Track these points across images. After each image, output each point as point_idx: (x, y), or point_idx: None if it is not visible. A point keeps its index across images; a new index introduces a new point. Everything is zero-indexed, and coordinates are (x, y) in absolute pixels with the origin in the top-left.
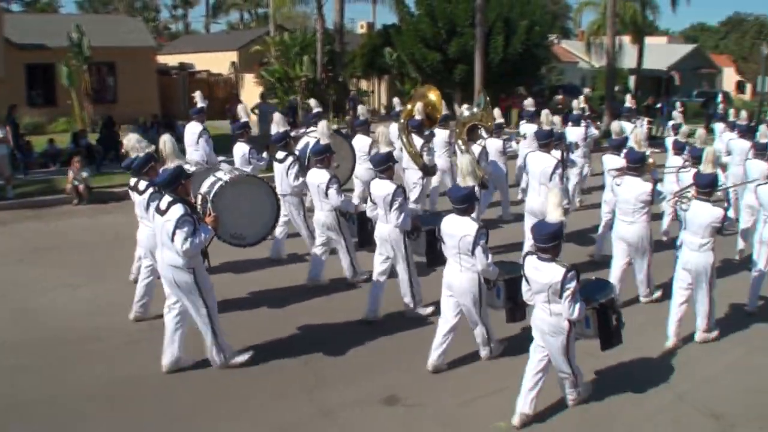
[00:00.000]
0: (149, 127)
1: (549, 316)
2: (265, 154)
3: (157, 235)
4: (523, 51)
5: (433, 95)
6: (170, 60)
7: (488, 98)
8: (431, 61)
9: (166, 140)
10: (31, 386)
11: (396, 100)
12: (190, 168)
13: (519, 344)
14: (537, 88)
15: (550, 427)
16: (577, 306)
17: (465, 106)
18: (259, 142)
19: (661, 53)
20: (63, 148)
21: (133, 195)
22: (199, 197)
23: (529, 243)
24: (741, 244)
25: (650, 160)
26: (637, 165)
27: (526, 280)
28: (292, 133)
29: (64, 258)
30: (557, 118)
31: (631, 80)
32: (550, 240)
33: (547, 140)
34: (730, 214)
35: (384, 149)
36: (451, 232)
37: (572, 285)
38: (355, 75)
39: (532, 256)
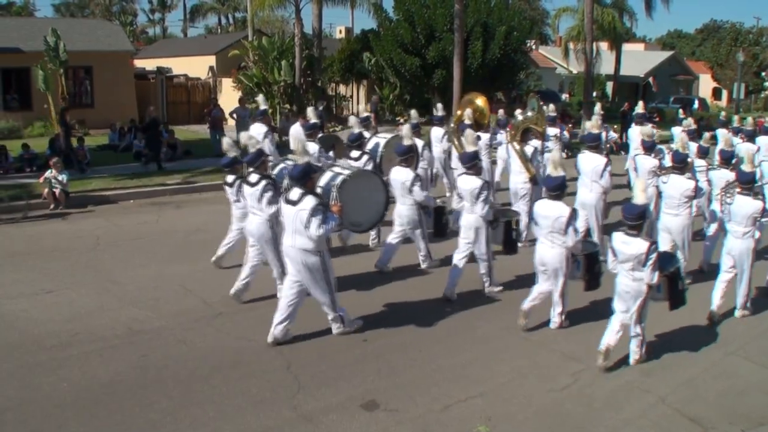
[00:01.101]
0: (126, 132)
1: (632, 282)
2: (331, 153)
3: (288, 223)
4: (502, 56)
5: (481, 101)
6: (148, 64)
7: (541, 103)
8: (410, 66)
9: (295, 130)
10: (6, 392)
11: (439, 105)
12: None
13: (496, 353)
14: (515, 94)
15: (525, 430)
16: (656, 273)
17: (518, 111)
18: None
19: (639, 60)
20: (39, 153)
21: (228, 190)
22: (319, 190)
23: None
24: None
25: (689, 160)
26: (681, 165)
27: (614, 252)
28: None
29: (41, 263)
30: None
31: (609, 86)
32: (638, 219)
33: None
34: None
35: (407, 142)
36: (546, 214)
37: (654, 256)
38: (334, 80)
39: (619, 233)
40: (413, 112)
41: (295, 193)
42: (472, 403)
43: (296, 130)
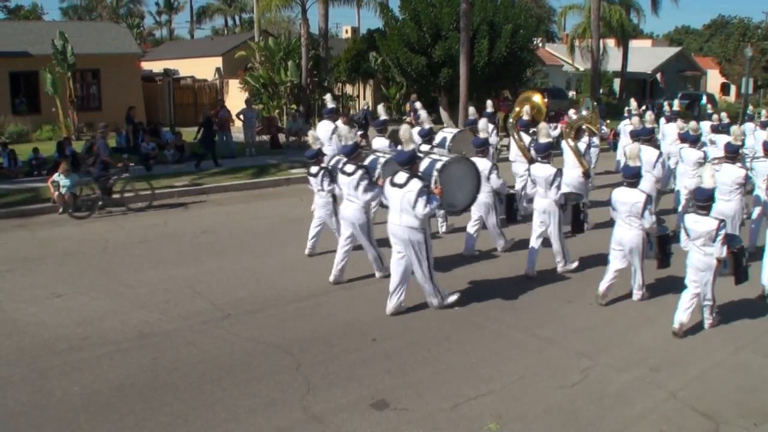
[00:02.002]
0: (135, 134)
1: (703, 257)
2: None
3: (394, 203)
4: (508, 54)
5: (537, 98)
6: (155, 66)
7: (595, 103)
8: (416, 65)
9: (404, 128)
10: (19, 397)
11: (471, 110)
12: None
13: (505, 351)
14: (522, 92)
15: (536, 427)
16: (725, 248)
17: (572, 110)
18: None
19: (646, 56)
20: (47, 157)
21: (312, 180)
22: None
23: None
24: None
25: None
26: (733, 155)
27: (686, 232)
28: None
29: (52, 267)
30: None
31: (616, 83)
32: (708, 200)
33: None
34: None
35: (483, 135)
36: (624, 200)
37: (723, 232)
38: (340, 80)
39: (691, 214)
40: (471, 110)
41: (401, 176)
42: (482, 402)
43: (326, 127)
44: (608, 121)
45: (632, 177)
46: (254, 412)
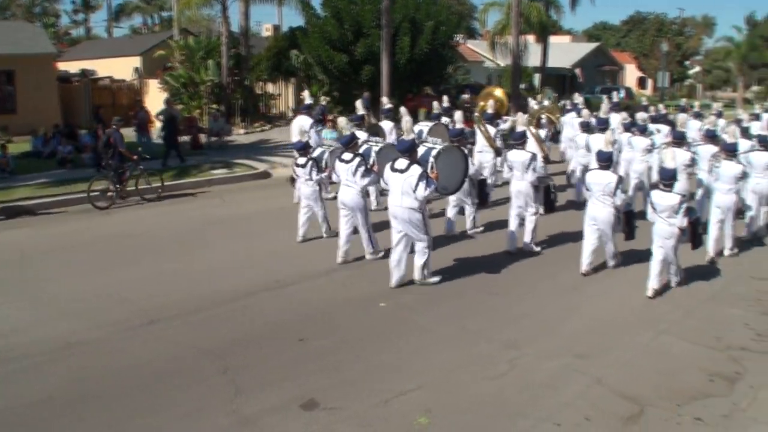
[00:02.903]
0: (50, 137)
1: (668, 227)
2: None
3: (395, 186)
4: (430, 51)
5: (500, 92)
6: (71, 66)
7: (556, 94)
8: (338, 63)
9: (405, 119)
10: None
11: (384, 99)
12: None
13: (434, 345)
14: (444, 88)
15: (466, 419)
16: (685, 219)
17: (534, 101)
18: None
19: (565, 51)
20: None
21: (300, 170)
22: None
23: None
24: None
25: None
26: (680, 140)
27: (652, 206)
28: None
29: None
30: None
31: (536, 78)
32: (671, 179)
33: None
34: None
35: (521, 129)
36: (597, 181)
37: (684, 206)
38: (262, 78)
39: (656, 190)
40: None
41: (402, 163)
42: (412, 396)
43: (301, 122)
44: (557, 116)
45: (605, 160)
46: (184, 419)
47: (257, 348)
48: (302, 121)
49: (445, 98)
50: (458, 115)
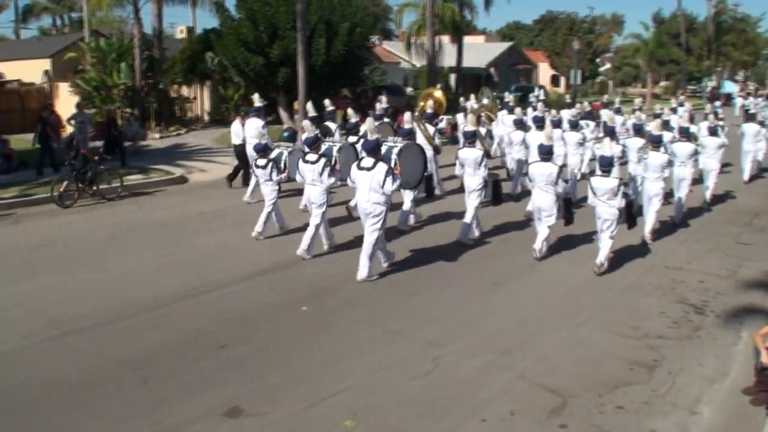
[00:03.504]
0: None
1: (609, 208)
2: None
3: (363, 183)
4: (346, 53)
5: (438, 93)
6: None
7: (494, 93)
8: (254, 65)
9: (368, 120)
10: None
11: (327, 101)
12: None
13: (358, 347)
14: (360, 89)
15: (393, 420)
16: (623, 201)
17: (474, 100)
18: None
19: (480, 51)
20: None
21: (260, 172)
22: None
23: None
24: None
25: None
26: (658, 143)
27: (593, 191)
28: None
29: None
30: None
31: (452, 78)
32: (609, 165)
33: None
34: None
35: (470, 128)
36: (541, 172)
37: (621, 188)
38: (176, 81)
39: (596, 177)
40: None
41: (368, 161)
42: (337, 399)
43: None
44: (449, 117)
45: (546, 153)
46: None
47: (178, 356)
48: (255, 123)
49: (383, 98)
50: (407, 115)
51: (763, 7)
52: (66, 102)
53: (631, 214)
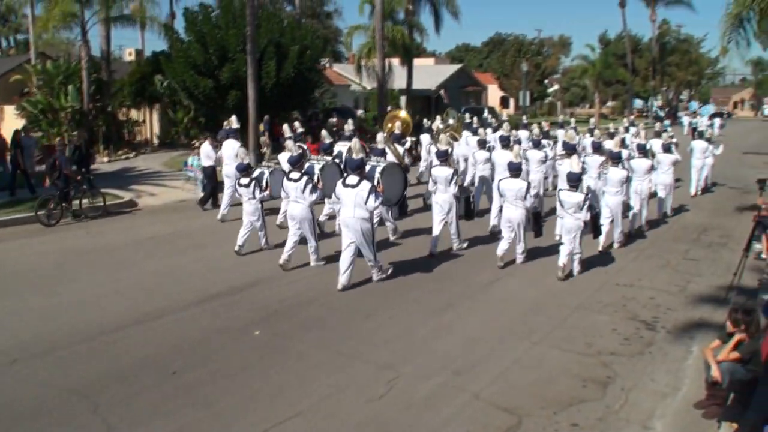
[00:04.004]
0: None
1: (575, 220)
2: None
3: (348, 200)
4: (296, 75)
5: (404, 114)
6: None
7: (459, 114)
8: (203, 88)
9: (354, 141)
10: None
11: (324, 133)
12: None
13: (310, 371)
14: (311, 112)
15: None
16: (588, 214)
17: (439, 120)
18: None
19: (430, 73)
20: None
21: (243, 190)
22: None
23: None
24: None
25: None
26: (617, 159)
27: (561, 204)
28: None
29: None
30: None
31: (402, 100)
32: (577, 180)
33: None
34: None
35: (444, 147)
36: (510, 187)
37: (587, 202)
38: (125, 104)
39: (563, 190)
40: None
41: (353, 179)
42: (290, 425)
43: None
44: (413, 139)
45: (515, 170)
46: None
47: (128, 384)
48: (232, 145)
49: (350, 121)
50: (380, 136)
51: (705, 27)
52: (12, 125)
53: (596, 225)
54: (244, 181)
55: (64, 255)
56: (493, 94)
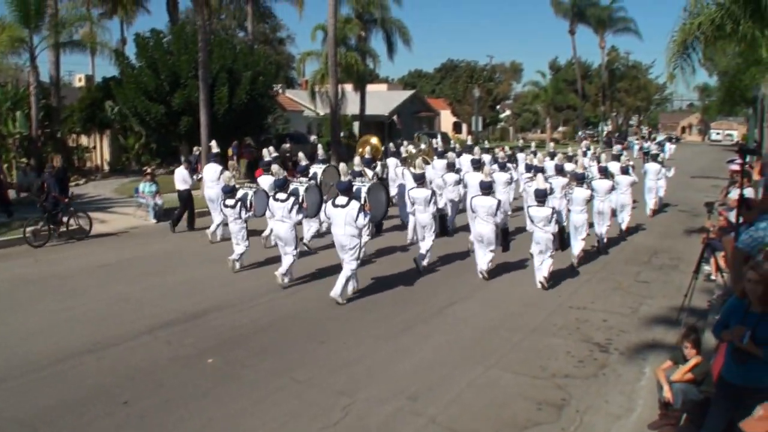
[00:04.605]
0: None
1: (544, 234)
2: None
3: (339, 219)
4: (248, 101)
5: (374, 140)
6: None
7: (430, 140)
8: (155, 114)
9: (342, 165)
10: None
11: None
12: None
13: (266, 398)
14: (264, 138)
15: None
16: (556, 226)
17: (411, 145)
18: None
19: (383, 99)
20: None
21: (230, 211)
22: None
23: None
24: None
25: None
26: (582, 179)
27: (531, 219)
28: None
29: None
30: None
31: (356, 126)
32: (544, 197)
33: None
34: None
35: (420, 171)
36: (482, 204)
37: (555, 216)
38: (74, 130)
39: (532, 206)
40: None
41: (342, 199)
42: None
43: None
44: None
45: (487, 188)
46: None
47: (78, 414)
48: (214, 168)
49: (319, 147)
50: (357, 159)
51: (653, 54)
52: None
53: (563, 238)
54: (230, 202)
55: (13, 283)
56: (446, 119)
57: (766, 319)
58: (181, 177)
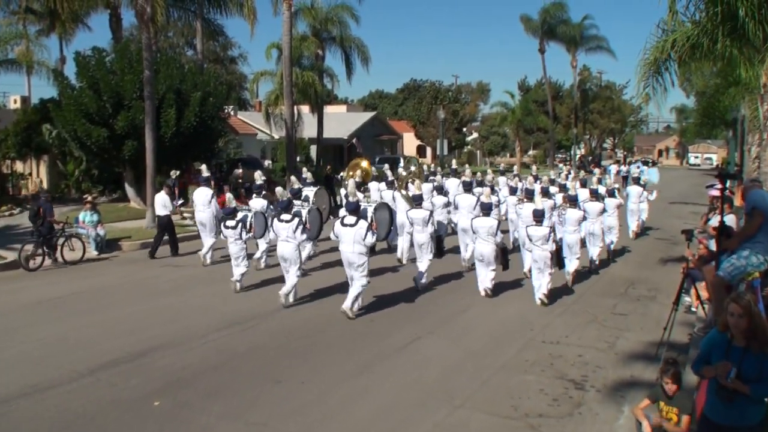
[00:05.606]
0: None
1: (541, 252)
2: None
3: (347, 237)
4: (198, 123)
5: (365, 163)
6: None
7: (420, 162)
8: (97, 138)
9: (349, 183)
10: None
11: (308, 174)
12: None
13: None
14: (215, 162)
15: None
16: (553, 245)
17: (403, 166)
18: None
19: (342, 121)
20: None
21: (230, 232)
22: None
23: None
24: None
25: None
26: (575, 202)
27: (529, 238)
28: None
29: None
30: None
31: (313, 149)
32: (541, 216)
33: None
34: None
35: (417, 192)
36: (483, 225)
37: (552, 235)
38: (9, 156)
39: (530, 226)
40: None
41: (351, 219)
42: None
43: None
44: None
45: (487, 209)
46: None
47: None
48: (205, 192)
49: (304, 169)
50: (351, 182)
51: (626, 74)
52: None
53: (560, 256)
54: (231, 223)
55: None
56: (410, 142)
57: (751, 354)
58: (161, 202)
